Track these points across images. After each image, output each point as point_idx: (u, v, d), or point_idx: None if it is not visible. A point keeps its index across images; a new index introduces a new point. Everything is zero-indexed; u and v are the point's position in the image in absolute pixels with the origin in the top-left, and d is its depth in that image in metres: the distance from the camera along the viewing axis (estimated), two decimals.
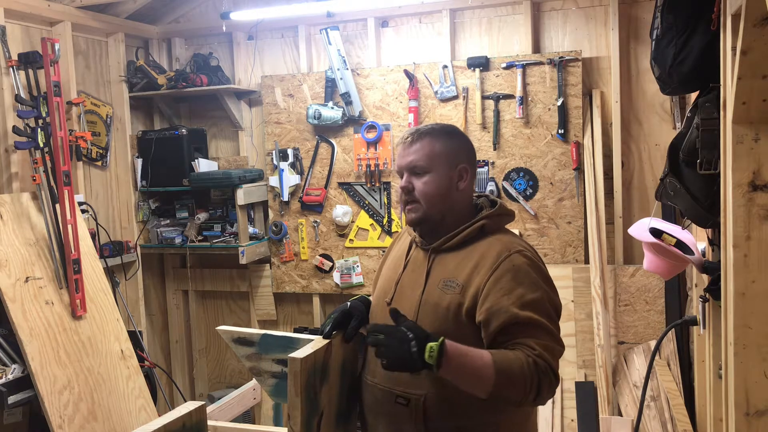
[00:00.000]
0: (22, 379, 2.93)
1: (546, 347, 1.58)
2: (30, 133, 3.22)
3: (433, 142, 1.75)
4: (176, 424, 1.63)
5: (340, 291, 4.10)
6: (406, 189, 1.76)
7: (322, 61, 4.15)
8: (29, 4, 3.44)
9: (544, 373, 1.56)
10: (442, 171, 1.74)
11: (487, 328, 1.63)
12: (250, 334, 1.98)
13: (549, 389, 1.59)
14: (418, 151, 1.75)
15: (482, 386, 1.55)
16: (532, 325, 1.60)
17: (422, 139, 1.75)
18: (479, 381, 1.54)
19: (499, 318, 1.61)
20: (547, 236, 3.71)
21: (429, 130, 1.77)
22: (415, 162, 1.74)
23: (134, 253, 4.11)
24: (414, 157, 1.75)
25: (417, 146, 1.75)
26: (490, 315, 1.62)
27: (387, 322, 1.76)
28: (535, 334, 1.60)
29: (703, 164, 1.84)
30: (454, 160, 1.76)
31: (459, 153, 1.78)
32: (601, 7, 3.65)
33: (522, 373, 1.54)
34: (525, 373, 1.54)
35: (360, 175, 4.00)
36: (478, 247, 1.72)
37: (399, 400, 1.70)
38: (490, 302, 1.63)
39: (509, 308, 1.60)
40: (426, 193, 1.73)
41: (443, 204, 1.75)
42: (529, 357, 1.55)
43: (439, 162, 1.74)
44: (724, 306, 1.71)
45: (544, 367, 1.56)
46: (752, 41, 1.42)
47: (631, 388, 3.35)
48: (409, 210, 1.77)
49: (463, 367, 1.54)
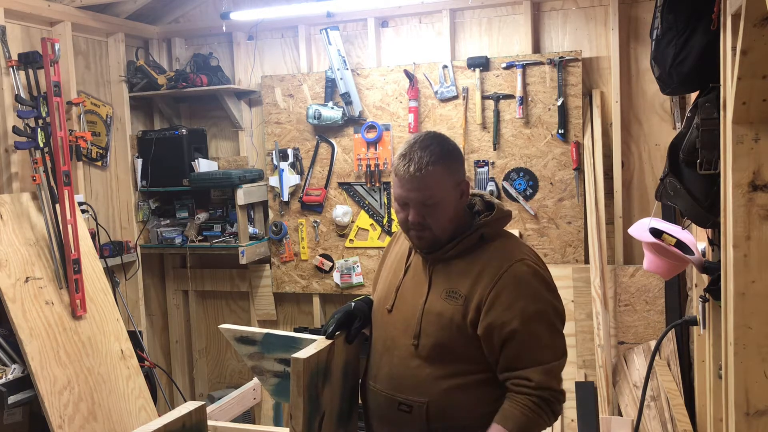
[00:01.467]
0: (22, 379, 2.93)
1: (545, 371, 1.62)
2: (30, 133, 3.22)
3: (438, 171, 1.65)
4: (176, 424, 1.64)
5: (340, 291, 4.10)
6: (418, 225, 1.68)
7: (322, 61, 4.15)
8: (29, 4, 3.44)
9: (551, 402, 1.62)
10: (449, 197, 1.69)
11: (489, 344, 1.64)
12: (253, 333, 1.98)
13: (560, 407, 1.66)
14: (426, 185, 1.65)
15: None
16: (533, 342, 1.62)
17: (428, 170, 1.64)
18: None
19: (500, 334, 1.62)
20: (547, 236, 3.71)
21: (431, 159, 1.65)
22: (426, 199, 1.66)
23: (134, 253, 4.10)
24: (422, 193, 1.65)
25: (424, 179, 1.65)
26: (491, 330, 1.63)
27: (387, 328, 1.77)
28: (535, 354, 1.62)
29: (703, 164, 1.84)
30: (456, 180, 1.71)
31: (459, 171, 1.73)
32: (601, 7, 3.66)
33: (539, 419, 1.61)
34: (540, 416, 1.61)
35: (360, 175, 4.00)
36: (480, 256, 1.71)
37: (402, 407, 1.71)
38: (492, 317, 1.63)
39: (510, 323, 1.62)
40: (439, 223, 1.69)
41: (452, 225, 1.72)
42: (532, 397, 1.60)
43: (447, 189, 1.68)
44: (724, 306, 1.71)
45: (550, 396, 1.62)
46: (752, 41, 1.42)
47: (631, 388, 3.35)
48: (418, 237, 1.72)
49: None
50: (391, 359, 1.75)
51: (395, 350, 1.75)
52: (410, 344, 1.71)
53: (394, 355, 1.75)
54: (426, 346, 1.69)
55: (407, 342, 1.72)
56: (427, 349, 1.69)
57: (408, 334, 1.72)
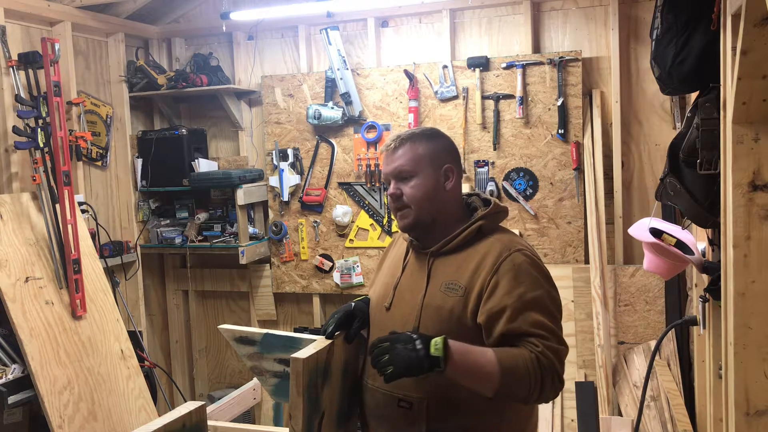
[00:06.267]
0: (22, 379, 2.93)
1: (550, 348, 1.59)
2: (30, 133, 3.22)
3: (416, 145, 1.76)
4: (176, 424, 1.64)
5: (340, 291, 4.10)
6: (394, 196, 1.76)
7: (322, 61, 4.15)
8: (29, 4, 3.44)
9: (548, 369, 1.57)
10: (428, 173, 1.75)
11: (489, 329, 1.63)
12: (252, 333, 1.98)
13: (552, 387, 1.59)
14: (401, 156, 1.76)
15: (488, 384, 1.55)
16: (534, 325, 1.61)
17: (404, 145, 1.76)
18: (485, 378, 1.55)
19: (501, 318, 1.61)
20: (547, 236, 3.71)
21: (410, 135, 1.78)
22: (400, 168, 1.75)
23: (134, 253, 4.10)
24: (398, 163, 1.76)
25: (400, 152, 1.76)
26: (491, 315, 1.62)
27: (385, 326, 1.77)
28: (538, 333, 1.60)
29: (703, 164, 1.84)
30: (439, 161, 1.77)
31: (443, 154, 1.79)
32: (601, 7, 3.66)
33: (526, 369, 1.55)
34: (529, 369, 1.55)
35: (360, 175, 4.00)
36: (478, 249, 1.72)
37: (401, 404, 1.70)
38: (492, 303, 1.63)
39: (511, 307, 1.61)
40: (414, 197, 1.74)
41: (432, 206, 1.75)
42: (532, 353, 1.56)
43: (424, 165, 1.75)
44: (724, 306, 1.71)
45: (548, 365, 1.57)
46: (752, 41, 1.42)
47: (631, 388, 3.35)
48: (401, 216, 1.78)
49: (467, 363, 1.55)
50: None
51: None
52: None
53: None
54: None
55: None
56: None
57: (407, 330, 1.72)
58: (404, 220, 1.77)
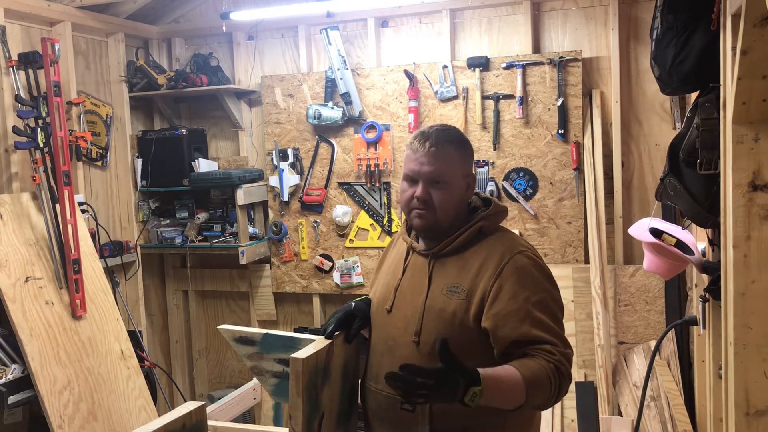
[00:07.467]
0: (22, 379, 2.93)
1: (564, 354, 1.60)
2: (30, 133, 3.22)
3: (452, 152, 1.71)
4: (176, 424, 1.63)
5: (340, 291, 4.10)
6: (422, 199, 1.70)
7: (322, 61, 4.15)
8: (29, 4, 3.44)
9: (565, 377, 1.59)
10: (457, 182, 1.73)
11: (497, 334, 1.63)
12: (252, 334, 1.98)
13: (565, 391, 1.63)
14: (439, 161, 1.69)
15: (514, 403, 1.56)
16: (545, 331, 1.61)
17: (444, 149, 1.70)
18: (512, 400, 1.55)
19: (508, 324, 1.61)
20: (547, 236, 3.71)
21: (448, 138, 1.72)
22: (437, 175, 1.69)
23: (134, 253, 4.10)
24: (435, 167, 1.69)
25: (439, 156, 1.69)
26: (498, 321, 1.62)
27: (387, 327, 1.77)
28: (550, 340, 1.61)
29: (703, 164, 1.84)
30: (466, 170, 1.76)
31: (470, 162, 1.79)
32: (601, 7, 3.66)
33: (549, 382, 1.56)
34: (551, 381, 1.56)
35: (360, 175, 4.00)
36: (480, 250, 1.72)
37: (404, 407, 1.70)
38: (498, 308, 1.63)
39: (518, 312, 1.61)
40: (442, 204, 1.71)
41: (453, 213, 1.74)
42: (551, 363, 1.57)
43: (456, 173, 1.72)
44: (724, 306, 1.71)
45: (565, 372, 1.59)
46: (752, 41, 1.42)
47: (631, 388, 3.35)
48: (419, 215, 1.73)
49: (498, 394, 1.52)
50: (393, 359, 1.74)
51: (396, 350, 1.74)
52: (411, 342, 1.71)
53: (395, 354, 1.74)
54: (428, 342, 1.69)
55: (408, 340, 1.72)
56: (429, 345, 1.68)
57: (409, 332, 1.72)
58: (423, 221, 1.73)
